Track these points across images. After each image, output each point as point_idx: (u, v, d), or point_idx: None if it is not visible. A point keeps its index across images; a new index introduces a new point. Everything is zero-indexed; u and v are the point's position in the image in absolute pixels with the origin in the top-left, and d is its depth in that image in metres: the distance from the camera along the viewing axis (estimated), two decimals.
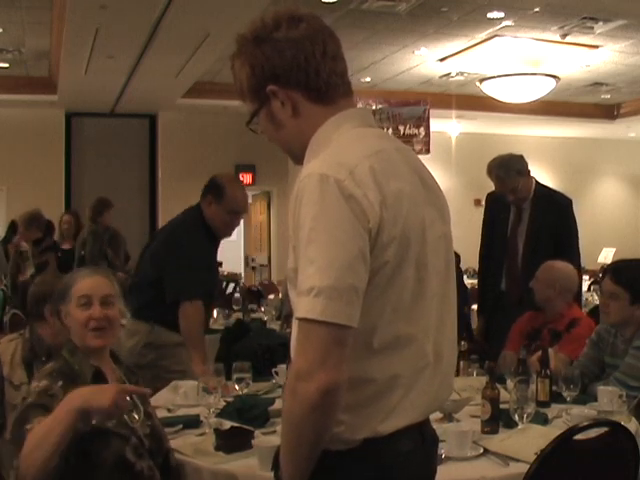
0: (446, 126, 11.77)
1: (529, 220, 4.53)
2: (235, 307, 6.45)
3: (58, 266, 7.09)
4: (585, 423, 2.21)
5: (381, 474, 1.47)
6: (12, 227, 7.84)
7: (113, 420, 2.11)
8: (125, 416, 2.21)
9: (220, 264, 4.25)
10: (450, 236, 1.63)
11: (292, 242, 1.44)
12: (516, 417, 2.58)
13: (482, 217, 4.87)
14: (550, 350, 3.13)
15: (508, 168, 4.48)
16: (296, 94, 1.54)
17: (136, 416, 2.26)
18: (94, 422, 2.04)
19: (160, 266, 3.75)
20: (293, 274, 1.44)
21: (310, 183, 1.41)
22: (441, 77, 9.97)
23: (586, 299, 6.24)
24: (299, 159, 1.58)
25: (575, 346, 3.47)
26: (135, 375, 2.45)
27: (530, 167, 4.61)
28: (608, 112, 12.10)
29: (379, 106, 9.16)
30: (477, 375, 3.37)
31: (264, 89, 1.54)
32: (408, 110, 9.22)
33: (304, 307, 1.37)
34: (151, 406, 2.47)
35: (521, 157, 4.58)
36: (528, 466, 2.08)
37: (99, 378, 2.24)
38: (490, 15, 7.32)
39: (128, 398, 2.28)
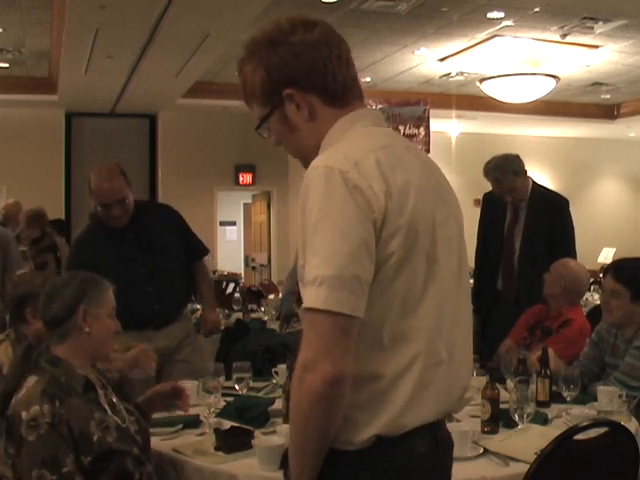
0: (446, 126, 11.78)
1: (526, 220, 4.53)
2: (235, 307, 6.45)
3: (57, 267, 7.05)
4: (585, 423, 2.21)
5: (392, 476, 1.46)
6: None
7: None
8: (116, 418, 2.21)
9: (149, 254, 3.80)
10: (463, 237, 1.63)
11: (301, 238, 1.44)
12: (516, 417, 2.58)
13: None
14: (550, 350, 3.13)
15: (505, 169, 4.47)
16: (313, 97, 1.54)
17: (125, 416, 2.27)
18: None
19: None
20: (303, 270, 1.44)
21: (316, 175, 1.42)
22: (441, 77, 9.97)
23: (586, 299, 6.23)
24: (309, 163, 1.56)
25: (561, 346, 3.48)
26: (105, 376, 2.43)
27: (530, 167, 4.61)
28: (608, 112, 12.10)
29: (379, 106, 9.13)
30: (477, 375, 3.37)
31: (279, 92, 1.54)
32: (408, 110, 9.20)
33: (309, 297, 1.38)
34: (128, 401, 2.46)
35: (517, 157, 4.56)
36: (528, 466, 2.08)
37: (89, 387, 2.21)
38: (490, 15, 7.32)
39: (113, 399, 2.28)
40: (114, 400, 2.28)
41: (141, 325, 3.64)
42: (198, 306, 4.99)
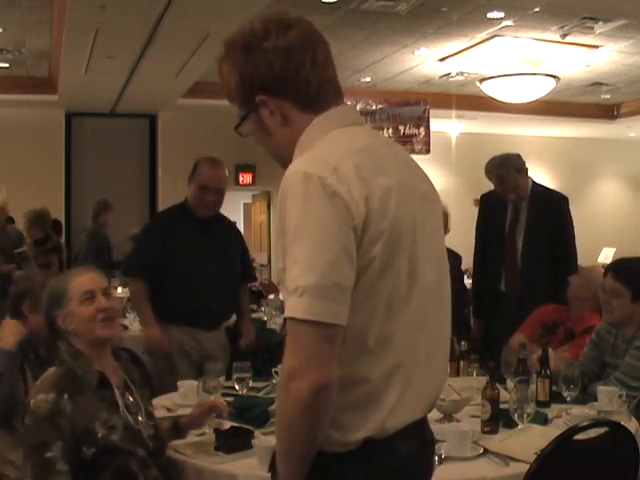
0: (446, 126, 11.76)
1: (527, 218, 4.55)
2: None
3: (60, 268, 7.08)
4: (585, 423, 2.21)
5: (387, 476, 1.47)
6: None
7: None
8: (129, 418, 2.22)
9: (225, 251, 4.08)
10: (442, 231, 1.63)
11: (281, 242, 1.44)
12: (516, 417, 2.58)
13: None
14: (550, 350, 3.14)
15: (508, 166, 4.52)
16: (286, 104, 1.53)
17: (140, 418, 2.27)
18: None
19: None
20: (283, 274, 1.43)
21: (294, 182, 1.41)
22: (441, 77, 9.96)
23: None
24: (287, 165, 1.56)
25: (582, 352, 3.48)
26: (135, 370, 2.45)
27: (530, 167, 4.64)
28: (608, 112, 12.09)
29: (379, 106, 9.16)
30: (477, 375, 3.37)
31: (253, 98, 1.54)
32: (408, 110, 9.23)
33: (290, 307, 1.37)
34: (151, 405, 2.48)
35: (518, 156, 4.61)
36: (528, 466, 2.08)
37: (103, 384, 2.23)
38: (490, 15, 7.32)
39: (131, 399, 2.29)
40: (131, 401, 2.29)
41: (195, 319, 3.90)
42: None
